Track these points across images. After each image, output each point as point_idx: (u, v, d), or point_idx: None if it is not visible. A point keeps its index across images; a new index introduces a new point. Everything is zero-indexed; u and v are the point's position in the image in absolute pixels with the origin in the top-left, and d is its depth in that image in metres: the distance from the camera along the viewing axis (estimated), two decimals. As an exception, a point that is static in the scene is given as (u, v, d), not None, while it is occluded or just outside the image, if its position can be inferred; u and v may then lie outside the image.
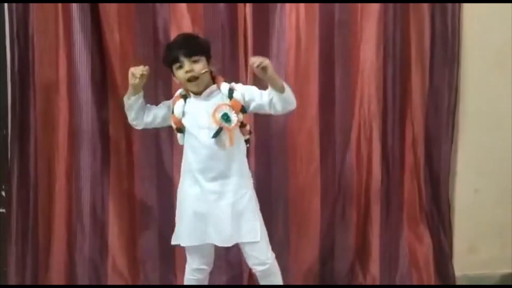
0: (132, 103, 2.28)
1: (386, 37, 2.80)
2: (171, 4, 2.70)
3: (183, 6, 2.70)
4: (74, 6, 2.65)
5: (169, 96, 2.72)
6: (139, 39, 2.72)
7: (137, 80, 2.19)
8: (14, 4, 2.61)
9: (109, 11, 2.66)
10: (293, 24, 2.75)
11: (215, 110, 2.18)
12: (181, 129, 2.27)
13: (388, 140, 2.85)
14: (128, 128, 2.74)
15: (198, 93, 2.24)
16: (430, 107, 2.88)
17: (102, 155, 2.75)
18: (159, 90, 2.74)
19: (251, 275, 2.74)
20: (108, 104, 2.75)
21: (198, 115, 2.23)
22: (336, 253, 2.88)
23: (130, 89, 2.25)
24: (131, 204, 2.81)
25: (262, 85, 2.23)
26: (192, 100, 2.26)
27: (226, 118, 2.18)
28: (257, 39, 2.71)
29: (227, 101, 2.21)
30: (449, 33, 2.83)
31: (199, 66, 2.18)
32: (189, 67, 2.17)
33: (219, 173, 2.21)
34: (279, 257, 2.41)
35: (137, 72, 2.18)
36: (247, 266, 2.62)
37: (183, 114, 2.25)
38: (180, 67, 2.19)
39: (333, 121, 2.82)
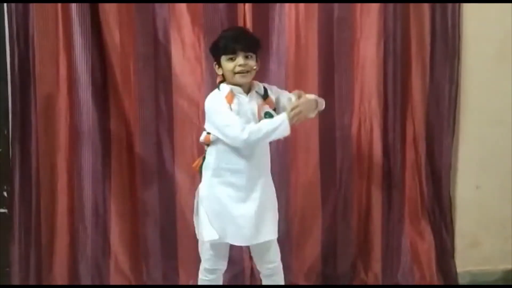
0: None
1: (386, 33, 2.79)
2: (171, 4, 2.70)
3: (182, 5, 2.71)
4: (74, 6, 2.65)
5: (169, 95, 2.75)
6: (139, 38, 2.72)
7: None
8: (13, 4, 2.61)
9: (109, 11, 2.66)
10: (293, 21, 2.75)
11: (259, 110, 2.23)
12: None
13: (388, 136, 2.85)
14: (129, 127, 2.76)
15: (242, 90, 2.24)
16: (431, 103, 2.87)
17: (103, 155, 2.75)
18: (159, 89, 2.75)
19: (253, 272, 2.75)
20: (108, 104, 2.75)
21: (245, 115, 2.22)
22: (337, 251, 2.88)
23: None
24: (133, 203, 2.81)
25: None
26: (239, 99, 2.23)
27: (270, 115, 2.23)
28: (257, 36, 2.70)
29: (261, 100, 2.26)
30: (449, 28, 2.82)
31: (252, 62, 2.21)
32: (244, 61, 2.19)
33: (256, 170, 2.23)
34: (281, 255, 2.42)
35: None
36: (249, 263, 2.64)
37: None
38: (232, 59, 2.20)
39: (333, 118, 2.82)
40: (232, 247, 2.57)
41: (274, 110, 2.27)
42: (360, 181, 2.88)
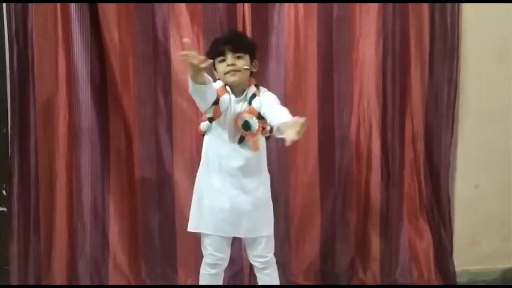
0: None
1: (385, 32, 2.80)
2: (170, 3, 2.71)
3: (181, 5, 2.71)
4: (73, 5, 2.65)
5: (168, 94, 2.75)
6: (138, 37, 2.72)
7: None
8: (13, 4, 2.61)
9: (108, 10, 2.67)
10: (292, 20, 2.75)
11: (237, 118, 2.23)
12: (213, 120, 2.26)
13: (387, 135, 2.86)
14: (128, 125, 2.76)
15: (234, 93, 2.25)
16: (429, 102, 2.88)
17: (102, 153, 2.76)
18: (158, 88, 2.75)
19: (252, 271, 2.75)
20: (107, 102, 2.75)
21: (225, 114, 2.24)
22: (336, 249, 2.88)
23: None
24: (132, 201, 2.81)
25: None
26: (230, 97, 2.25)
27: (246, 125, 2.22)
28: (256, 35, 2.70)
29: (247, 107, 2.24)
30: (449, 28, 2.83)
31: (241, 62, 2.23)
32: (232, 61, 2.21)
33: (242, 168, 2.25)
34: (280, 253, 2.43)
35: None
36: (248, 262, 2.64)
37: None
38: (223, 60, 2.23)
39: (332, 117, 2.82)
40: (232, 246, 2.58)
41: (259, 116, 2.22)
42: (359, 180, 2.88)
